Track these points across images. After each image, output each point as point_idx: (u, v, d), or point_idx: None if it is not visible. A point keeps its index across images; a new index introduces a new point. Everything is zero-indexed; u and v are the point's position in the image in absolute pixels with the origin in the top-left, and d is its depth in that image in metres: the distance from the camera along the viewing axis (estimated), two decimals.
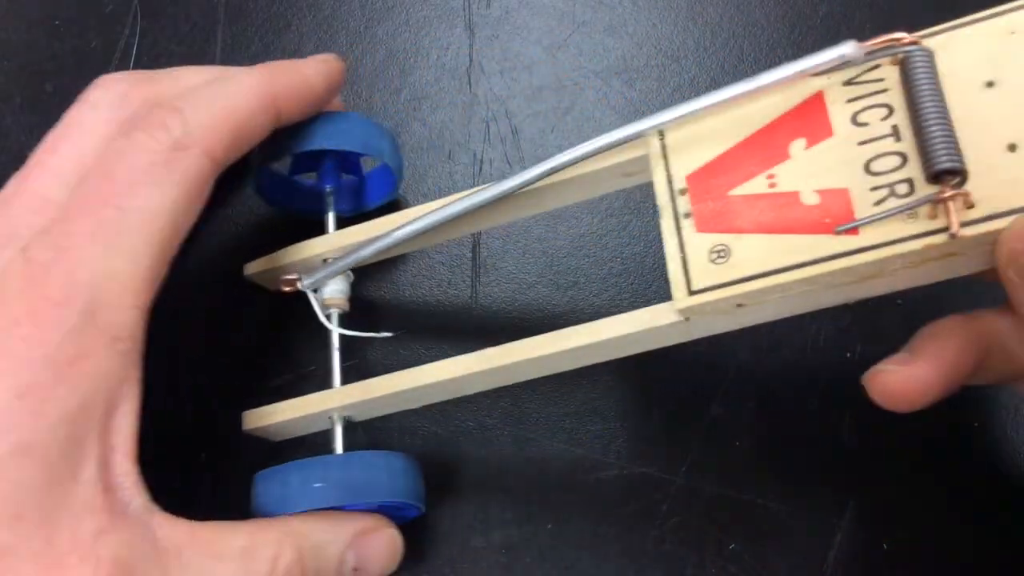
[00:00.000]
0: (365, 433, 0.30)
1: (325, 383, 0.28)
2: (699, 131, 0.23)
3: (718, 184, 0.22)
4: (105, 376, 0.21)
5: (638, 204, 0.32)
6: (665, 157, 0.23)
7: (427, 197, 0.33)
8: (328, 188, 0.30)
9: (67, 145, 0.23)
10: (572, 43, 0.34)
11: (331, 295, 0.28)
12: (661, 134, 0.23)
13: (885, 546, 0.28)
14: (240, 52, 0.35)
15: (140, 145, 0.23)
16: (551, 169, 0.24)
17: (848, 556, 0.27)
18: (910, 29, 0.22)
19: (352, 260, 0.27)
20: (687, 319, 0.23)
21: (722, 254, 0.22)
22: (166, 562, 0.21)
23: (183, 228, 0.23)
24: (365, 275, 0.32)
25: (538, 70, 0.34)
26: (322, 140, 0.27)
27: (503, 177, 0.25)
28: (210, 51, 0.35)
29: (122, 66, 0.35)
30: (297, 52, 0.35)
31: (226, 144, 0.24)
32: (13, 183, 0.24)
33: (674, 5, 0.34)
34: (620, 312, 0.24)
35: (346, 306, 0.28)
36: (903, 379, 0.22)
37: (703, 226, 0.22)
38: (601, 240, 0.32)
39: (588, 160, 0.24)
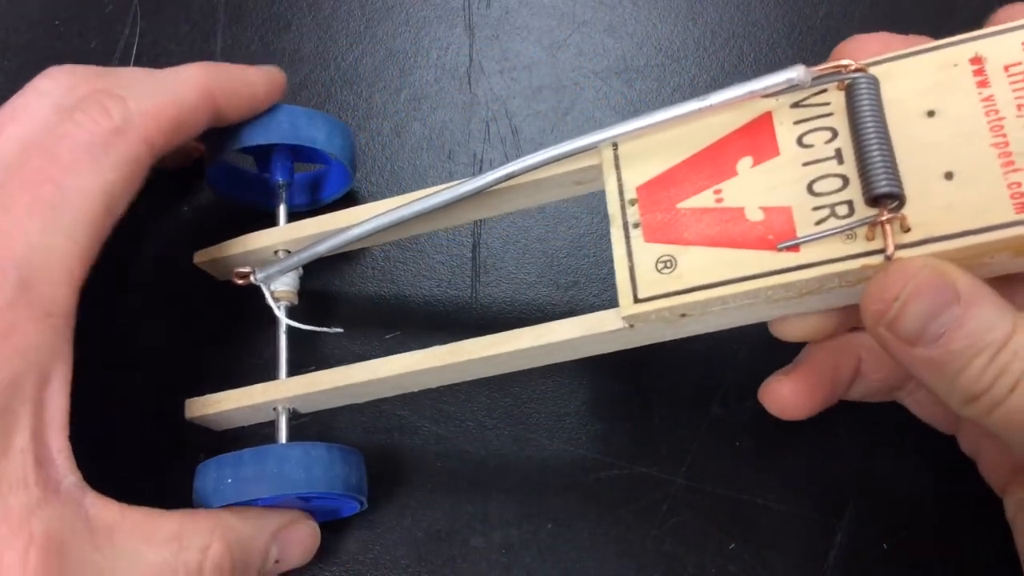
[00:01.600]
0: (355, 429, 0.30)
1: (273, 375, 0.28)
2: (651, 144, 0.24)
3: (667, 196, 0.23)
4: (36, 350, 0.21)
5: None
6: (617, 167, 0.24)
7: None
8: (280, 181, 0.30)
9: (12, 126, 0.24)
10: (572, 43, 0.34)
11: (281, 288, 0.28)
12: (615, 145, 0.24)
13: (885, 546, 0.28)
14: (240, 52, 0.35)
15: (82, 127, 0.23)
16: (508, 175, 0.24)
17: (848, 556, 0.27)
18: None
19: (307, 255, 0.27)
20: (631, 326, 0.23)
21: (668, 264, 0.22)
22: (98, 541, 0.21)
23: (118, 209, 0.23)
24: (364, 272, 0.32)
25: (538, 70, 0.34)
26: (269, 134, 0.28)
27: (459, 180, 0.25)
28: (210, 51, 0.35)
29: (122, 66, 0.35)
30: (297, 52, 0.35)
31: (165, 132, 0.24)
32: None
33: (674, 5, 0.34)
34: None
35: (295, 299, 0.29)
36: (788, 391, 0.25)
37: (651, 236, 0.23)
38: (601, 240, 0.32)
39: (542, 167, 0.24)
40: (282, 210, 0.29)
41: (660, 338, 0.24)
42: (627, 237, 0.23)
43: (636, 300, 0.22)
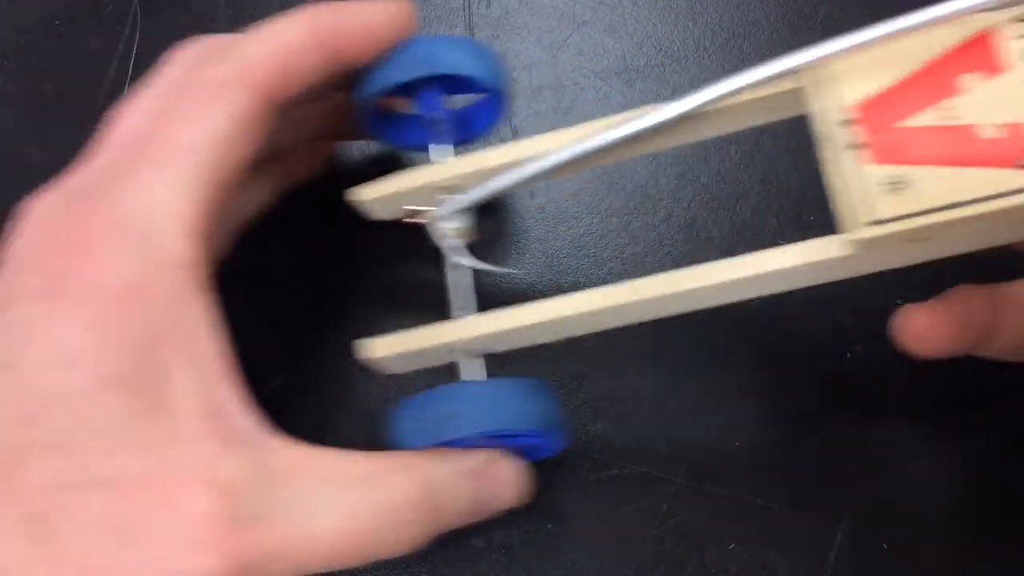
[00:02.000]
0: (355, 430, 0.30)
1: (434, 316, 0.26)
2: (863, 63, 0.22)
3: (888, 115, 0.22)
4: (171, 300, 0.21)
5: (638, 204, 0.32)
6: (827, 88, 0.23)
7: None
8: (432, 117, 0.28)
9: (139, 97, 0.24)
10: (572, 43, 0.34)
11: (457, 225, 0.27)
12: (819, 66, 0.23)
13: (885, 546, 0.28)
14: None
15: (192, 82, 0.23)
16: (706, 102, 0.23)
17: (848, 556, 0.27)
18: None
19: (486, 192, 0.25)
20: (856, 253, 0.22)
21: (899, 186, 0.21)
22: (280, 486, 0.20)
23: (236, 161, 0.23)
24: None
25: (538, 70, 0.34)
26: (409, 69, 0.26)
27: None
28: None
29: (122, 66, 0.35)
30: None
31: (274, 78, 0.24)
32: (102, 132, 0.24)
33: (674, 5, 0.34)
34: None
35: (472, 236, 0.27)
36: (927, 320, 0.24)
37: (875, 157, 0.22)
38: (601, 240, 0.32)
39: (732, 95, 0.23)
40: (440, 147, 0.28)
41: (885, 265, 0.23)
42: (846, 159, 0.22)
43: (867, 224, 0.21)
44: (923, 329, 0.25)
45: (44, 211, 0.22)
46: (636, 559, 0.28)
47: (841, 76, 0.23)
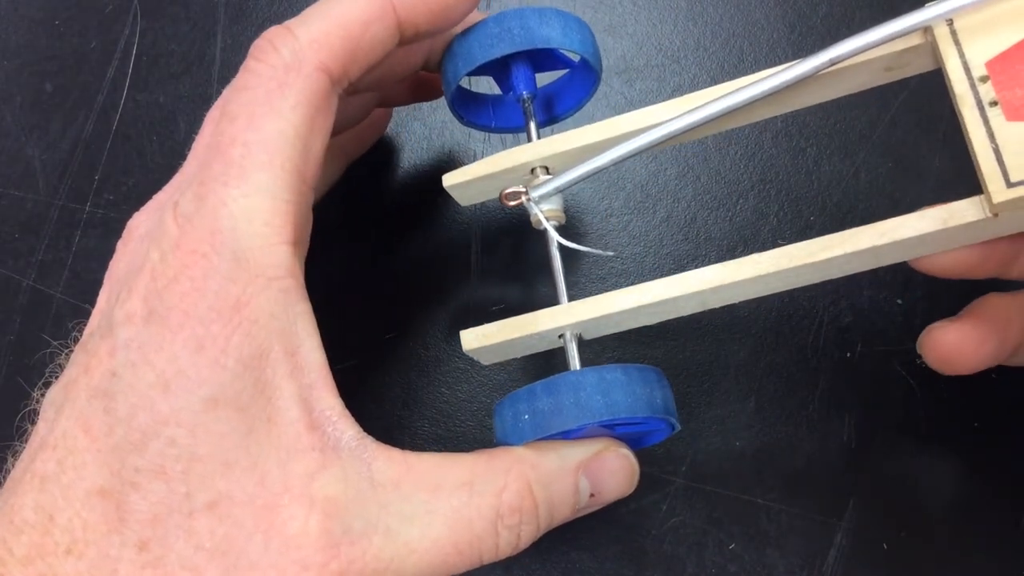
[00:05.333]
0: None
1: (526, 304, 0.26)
2: (993, 16, 0.21)
3: None
4: (271, 316, 0.20)
5: (638, 204, 0.32)
6: (957, 43, 0.22)
7: (427, 195, 0.33)
8: (524, 95, 0.27)
9: (226, 92, 0.23)
10: None
11: (549, 207, 0.26)
12: (950, 20, 0.22)
13: (885, 546, 0.28)
14: (240, 52, 0.35)
15: (256, 74, 0.22)
16: (831, 60, 0.22)
17: (848, 556, 0.27)
18: None
19: (584, 171, 0.25)
20: (996, 215, 0.21)
21: None
22: (383, 497, 0.20)
23: (314, 151, 0.22)
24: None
25: None
26: (494, 47, 0.25)
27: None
28: (210, 51, 0.35)
29: (122, 66, 0.35)
30: None
31: (340, 58, 0.22)
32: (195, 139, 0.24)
33: (674, 5, 0.34)
34: None
35: (563, 219, 0.26)
36: (957, 338, 0.23)
37: (1015, 115, 0.21)
38: (601, 240, 0.32)
39: (851, 54, 0.22)
40: (532, 126, 0.27)
41: (1020, 228, 0.22)
42: (984, 118, 0.21)
43: (1009, 184, 0.20)
44: (952, 348, 0.23)
45: (140, 231, 0.22)
46: (636, 559, 0.28)
47: (972, 30, 0.22)
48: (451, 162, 0.33)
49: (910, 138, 0.31)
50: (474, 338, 0.25)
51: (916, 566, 0.27)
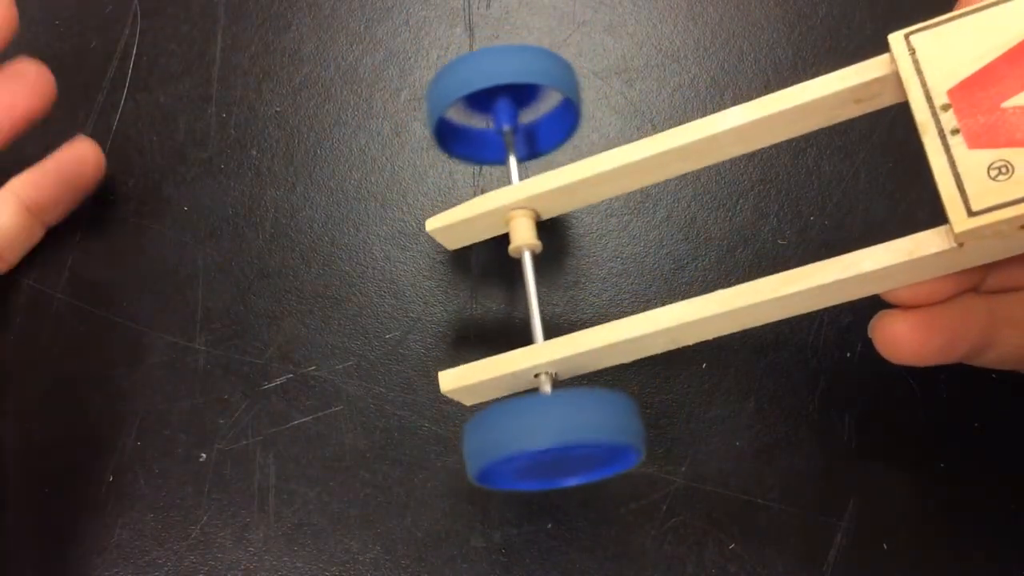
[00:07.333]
0: (354, 429, 0.30)
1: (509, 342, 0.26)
2: (954, 44, 0.22)
3: (987, 97, 0.21)
4: None
5: (638, 204, 0.32)
6: (919, 72, 0.22)
7: (427, 197, 0.33)
8: (505, 128, 0.28)
9: None
10: (572, 43, 0.34)
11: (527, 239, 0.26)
12: (912, 50, 0.22)
13: (885, 546, 0.28)
14: (240, 52, 0.35)
15: None
16: (791, 99, 0.23)
17: (848, 556, 0.27)
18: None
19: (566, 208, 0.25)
20: (960, 245, 0.21)
21: (1004, 170, 0.20)
22: None
23: None
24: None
25: None
26: (474, 80, 0.26)
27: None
28: (210, 51, 0.35)
29: (122, 66, 0.35)
30: (297, 52, 0.35)
31: None
32: None
33: (674, 5, 0.34)
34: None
35: (539, 247, 0.27)
36: (904, 329, 0.23)
37: (976, 142, 0.21)
38: (601, 240, 0.32)
39: (817, 87, 0.23)
40: (512, 162, 0.27)
41: (989, 258, 0.22)
42: (946, 146, 0.21)
43: (971, 214, 0.20)
44: (898, 337, 0.23)
45: None
46: (636, 559, 0.28)
47: (934, 59, 0.22)
48: (451, 162, 0.33)
49: (910, 138, 0.31)
50: (452, 379, 0.26)
51: (916, 566, 0.27)
